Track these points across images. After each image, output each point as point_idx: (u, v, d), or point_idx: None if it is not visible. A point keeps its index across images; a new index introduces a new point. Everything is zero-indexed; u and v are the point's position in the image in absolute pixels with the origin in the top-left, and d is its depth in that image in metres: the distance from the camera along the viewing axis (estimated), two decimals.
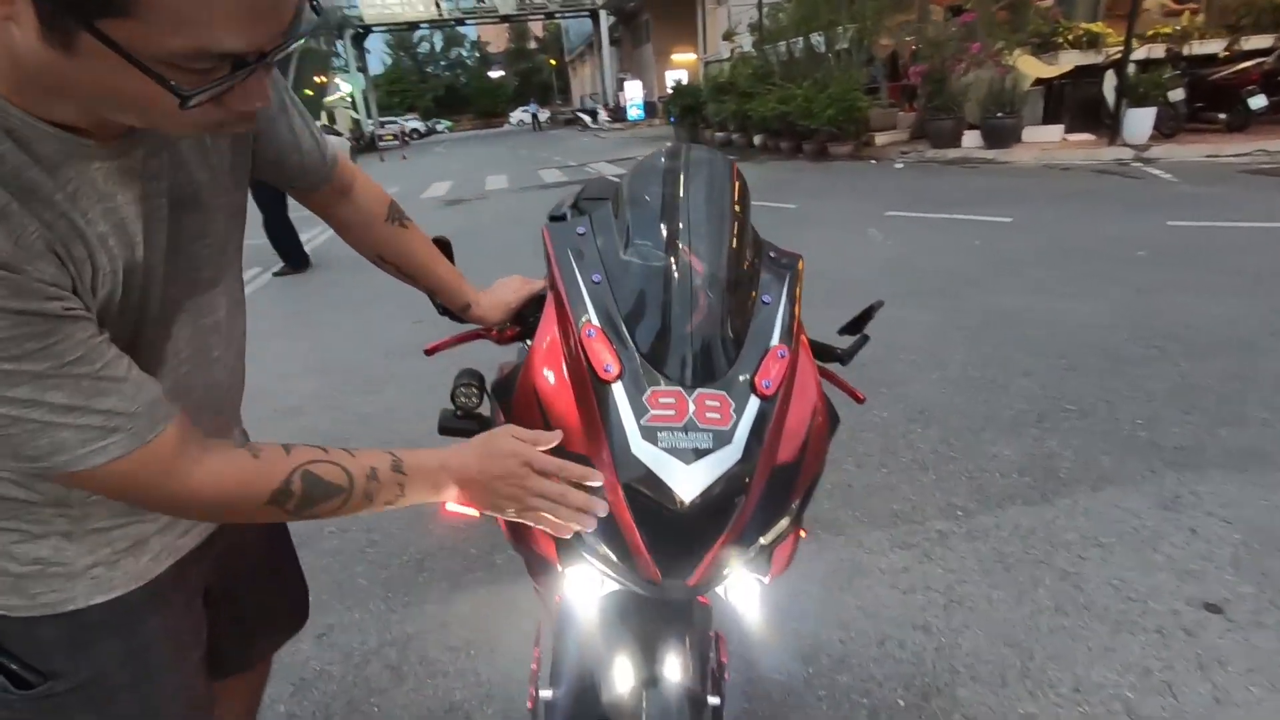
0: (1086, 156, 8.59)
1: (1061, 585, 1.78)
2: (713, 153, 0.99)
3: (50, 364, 0.53)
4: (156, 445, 0.60)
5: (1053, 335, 3.33)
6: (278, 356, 4.13)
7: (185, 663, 0.85)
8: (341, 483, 0.69)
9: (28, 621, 0.72)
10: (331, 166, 0.92)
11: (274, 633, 1.14)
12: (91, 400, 0.55)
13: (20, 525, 0.69)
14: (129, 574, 0.76)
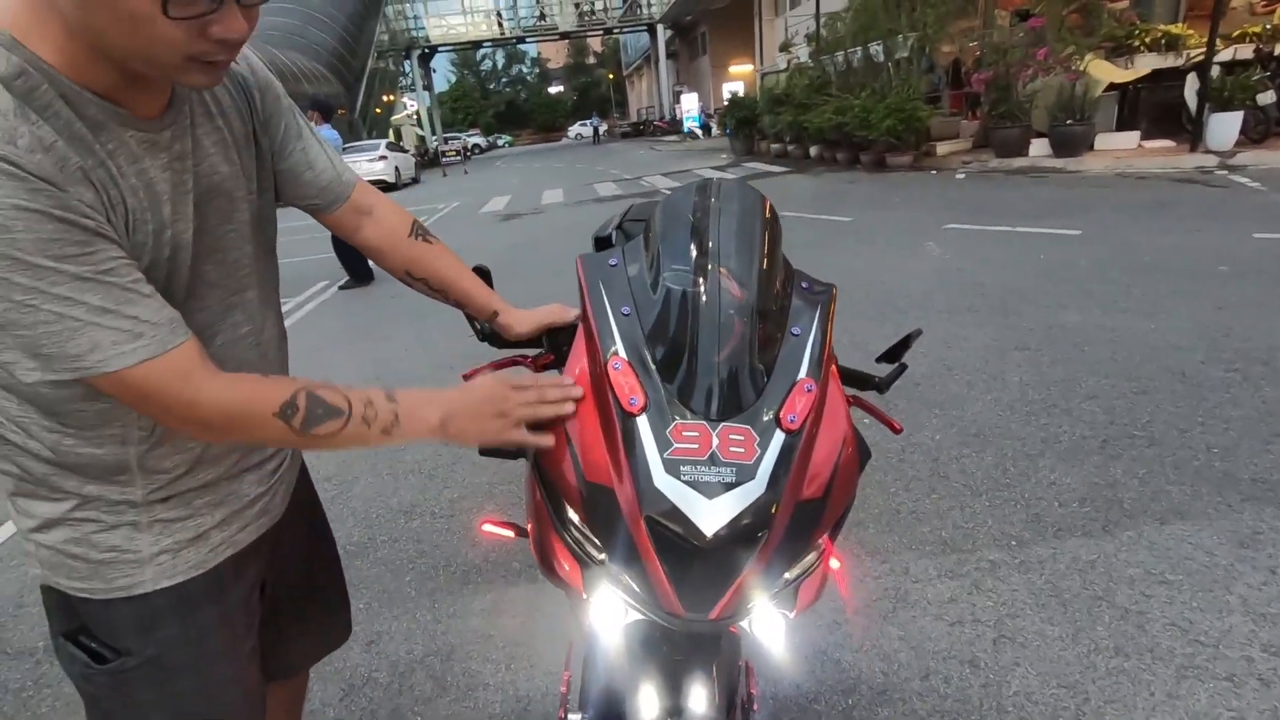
0: (1165, 164, 8.16)
1: (1122, 624, 1.69)
2: (743, 185, 1.00)
3: (88, 268, 0.61)
4: (177, 354, 0.67)
5: (1121, 356, 3.17)
6: (338, 367, 4.31)
7: (239, 652, 0.93)
8: (341, 405, 0.75)
9: (104, 604, 0.81)
10: (348, 189, 1.00)
11: (309, 644, 1.20)
12: (122, 306, 0.63)
13: (98, 515, 0.79)
14: (190, 563, 0.85)
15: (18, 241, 0.57)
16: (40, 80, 0.61)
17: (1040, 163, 9.33)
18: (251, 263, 0.86)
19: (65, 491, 0.78)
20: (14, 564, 2.54)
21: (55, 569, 0.81)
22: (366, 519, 2.57)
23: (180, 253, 0.75)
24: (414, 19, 38.22)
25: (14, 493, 0.80)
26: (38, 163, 0.59)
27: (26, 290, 0.59)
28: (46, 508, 0.79)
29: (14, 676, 1.95)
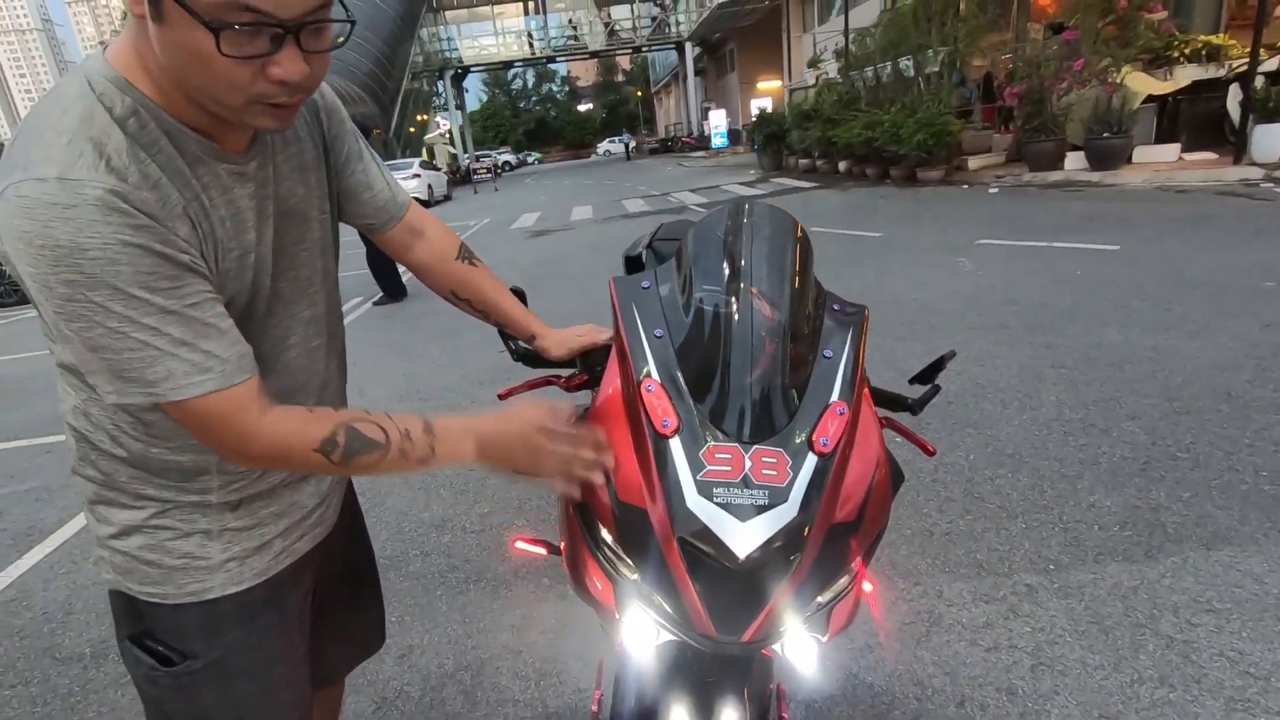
0: (1207, 177, 7.95)
1: (1167, 653, 1.64)
2: (774, 208, 1.01)
3: (175, 302, 0.67)
4: (239, 390, 0.71)
5: (1163, 375, 3.09)
6: (373, 382, 4.40)
7: (294, 657, 0.97)
8: (379, 439, 0.78)
9: (174, 608, 0.86)
10: (403, 209, 1.06)
11: (347, 652, 1.23)
12: (199, 340, 0.68)
13: (173, 524, 0.84)
14: (255, 570, 0.89)
15: (121, 274, 0.63)
16: (148, 119, 0.68)
17: (1076, 176, 9.16)
18: (321, 279, 0.91)
19: (145, 498, 0.82)
20: (64, 571, 2.63)
21: (128, 574, 0.85)
22: (400, 532, 2.61)
23: (261, 274, 0.81)
24: (448, 40, 39.10)
25: (94, 500, 0.85)
26: (144, 199, 0.65)
27: (120, 318, 0.64)
28: (125, 515, 0.83)
29: (63, 682, 2.02)
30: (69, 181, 0.61)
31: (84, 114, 0.65)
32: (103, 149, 0.64)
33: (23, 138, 0.66)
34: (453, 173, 30.31)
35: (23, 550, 2.83)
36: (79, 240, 0.61)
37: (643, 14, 42.11)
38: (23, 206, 0.61)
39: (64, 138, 0.63)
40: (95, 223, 0.61)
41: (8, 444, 4.16)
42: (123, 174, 0.64)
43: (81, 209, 0.61)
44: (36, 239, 0.61)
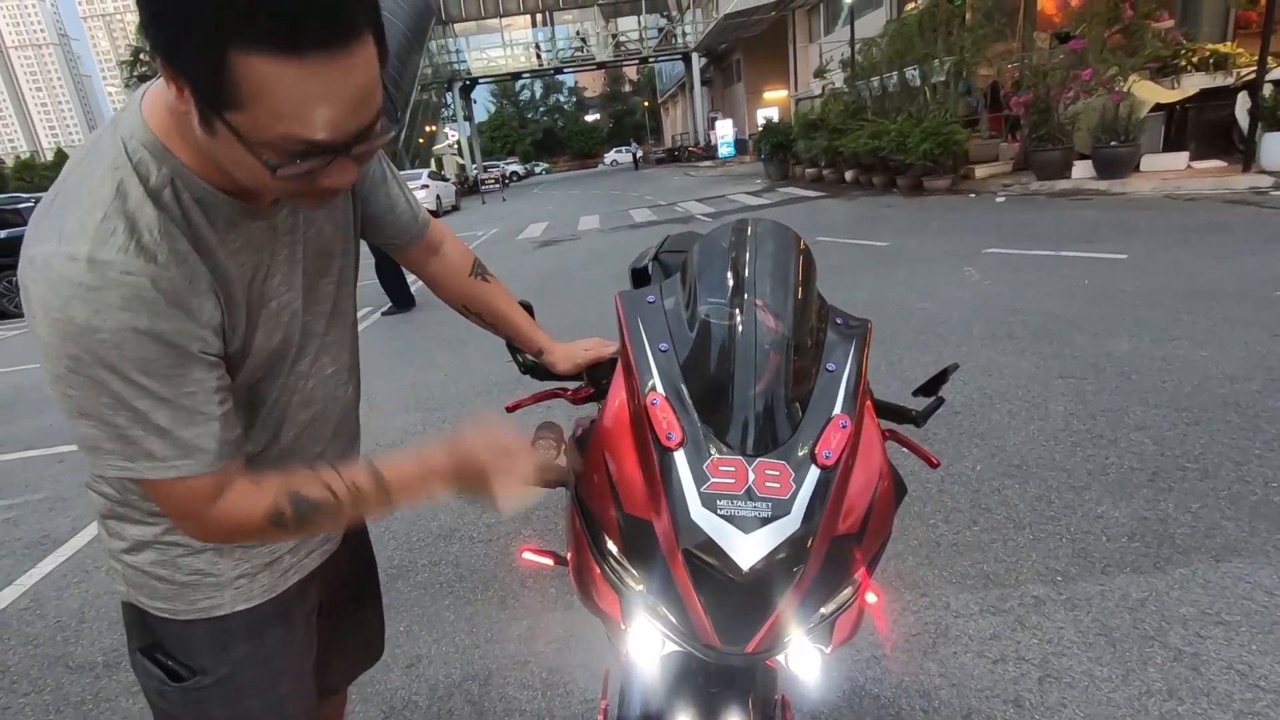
0: (1216, 185, 7.92)
1: (1175, 666, 1.63)
2: (778, 224, 1.03)
3: (170, 391, 0.67)
4: (208, 479, 0.71)
5: (1172, 385, 3.07)
6: (382, 392, 4.43)
7: (301, 671, 0.98)
8: (327, 499, 0.77)
9: (185, 624, 0.87)
10: (423, 228, 1.08)
11: (349, 663, 1.24)
12: (182, 428, 0.69)
13: (185, 540, 0.84)
14: (264, 586, 0.90)
15: (125, 358, 0.64)
16: (183, 189, 0.68)
17: (1083, 185, 9.14)
18: (343, 307, 0.92)
19: (158, 515, 0.83)
20: (76, 581, 2.66)
21: (139, 588, 0.86)
22: (407, 542, 2.62)
23: (294, 319, 0.82)
24: (456, 52, 39.49)
25: (106, 515, 0.86)
26: (171, 280, 0.66)
27: (114, 396, 0.65)
28: (137, 530, 0.84)
29: (75, 690, 2.04)
30: (98, 263, 0.62)
31: (119, 186, 0.65)
32: (135, 226, 0.65)
33: (60, 202, 0.66)
34: (461, 183, 30.52)
35: (36, 559, 2.86)
36: (94, 322, 0.62)
37: (649, 25, 42.40)
38: (50, 280, 0.62)
39: (99, 211, 0.64)
40: (114, 307, 0.62)
41: (21, 454, 4.21)
42: (152, 254, 0.65)
43: (104, 292, 0.62)
44: (55, 312, 0.62)
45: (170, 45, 0.56)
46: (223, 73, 0.55)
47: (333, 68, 0.57)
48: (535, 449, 1.07)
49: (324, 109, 0.58)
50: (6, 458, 4.18)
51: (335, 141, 0.61)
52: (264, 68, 0.54)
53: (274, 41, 0.54)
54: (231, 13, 0.52)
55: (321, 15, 0.55)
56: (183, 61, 0.56)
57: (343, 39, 0.56)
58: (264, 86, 0.55)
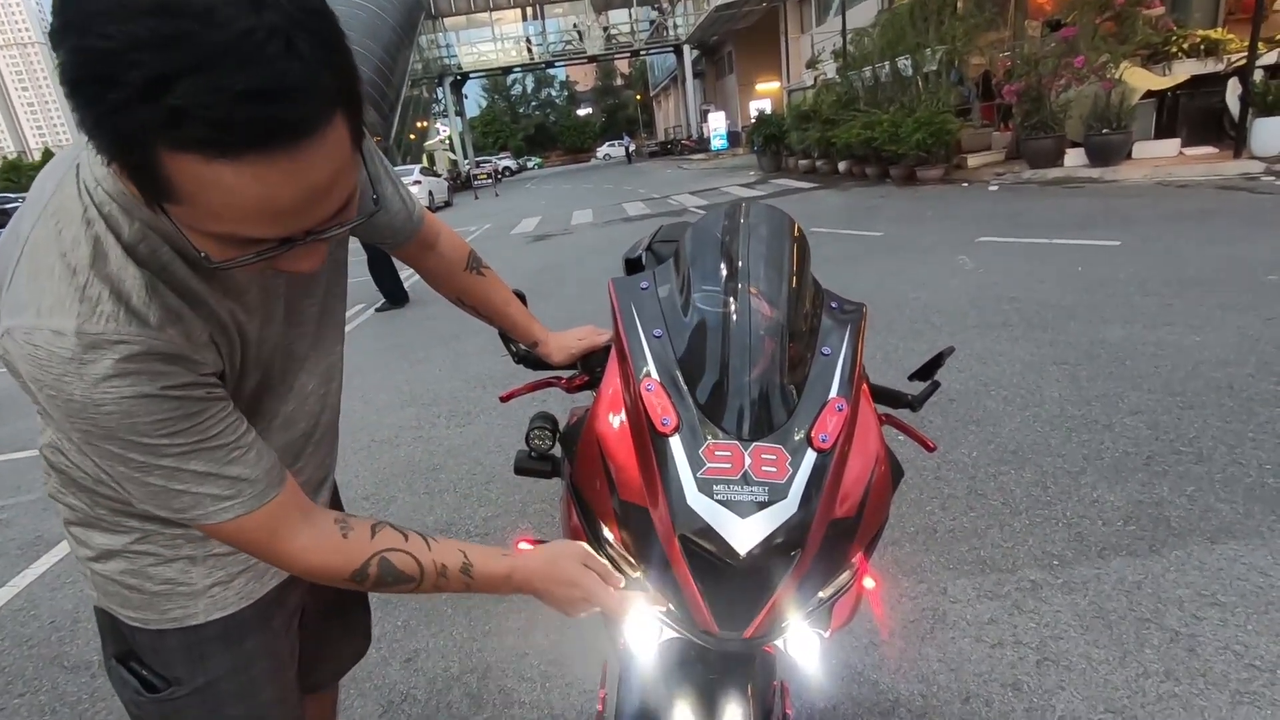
0: (1207, 172, 7.95)
1: (1172, 647, 1.64)
2: (772, 208, 1.02)
3: (195, 439, 0.64)
4: (267, 511, 0.70)
5: (1165, 370, 3.08)
6: (376, 388, 4.41)
7: (282, 677, 0.95)
8: (413, 573, 0.78)
9: (157, 634, 0.84)
10: (418, 225, 1.04)
11: (337, 662, 1.23)
12: (223, 468, 0.67)
13: (156, 549, 0.81)
14: (240, 594, 0.87)
15: (137, 425, 0.61)
16: (159, 242, 0.63)
17: (1076, 173, 9.16)
18: (324, 325, 0.88)
19: (127, 527, 0.80)
20: (70, 580, 2.64)
21: (110, 596, 0.83)
22: None
23: (275, 349, 0.79)
24: (446, 47, 39.30)
25: (72, 522, 0.83)
26: (169, 340, 0.62)
27: (140, 463, 0.63)
28: (105, 539, 0.81)
29: (71, 689, 2.03)
30: (88, 336, 0.57)
31: (95, 245, 0.60)
32: (120, 290, 0.60)
33: (29, 265, 0.60)
34: (453, 179, 30.40)
35: (30, 560, 2.84)
36: (93, 396, 0.58)
37: (641, 18, 42.24)
38: (34, 357, 0.58)
39: (79, 278, 0.59)
40: (112, 378, 0.58)
41: (11, 455, 4.19)
42: (144, 317, 0.60)
43: (98, 366, 0.58)
44: (49, 389, 0.59)
45: (93, 126, 0.48)
46: (152, 168, 0.48)
47: (282, 168, 0.49)
48: (530, 438, 1.07)
49: (270, 210, 0.52)
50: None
51: (291, 236, 0.56)
52: (196, 168, 0.48)
53: (203, 145, 0.46)
54: (156, 111, 0.45)
55: (260, 115, 0.46)
56: (107, 146, 0.49)
57: (288, 137, 0.48)
58: (198, 187, 0.49)
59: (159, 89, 0.44)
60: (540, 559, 0.85)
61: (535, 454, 1.10)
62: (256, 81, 0.46)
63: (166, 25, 0.44)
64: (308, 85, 0.48)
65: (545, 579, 0.84)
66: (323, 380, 0.91)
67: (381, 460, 3.32)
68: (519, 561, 0.84)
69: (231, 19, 0.45)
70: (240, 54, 0.45)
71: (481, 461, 3.15)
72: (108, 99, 0.45)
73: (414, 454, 3.35)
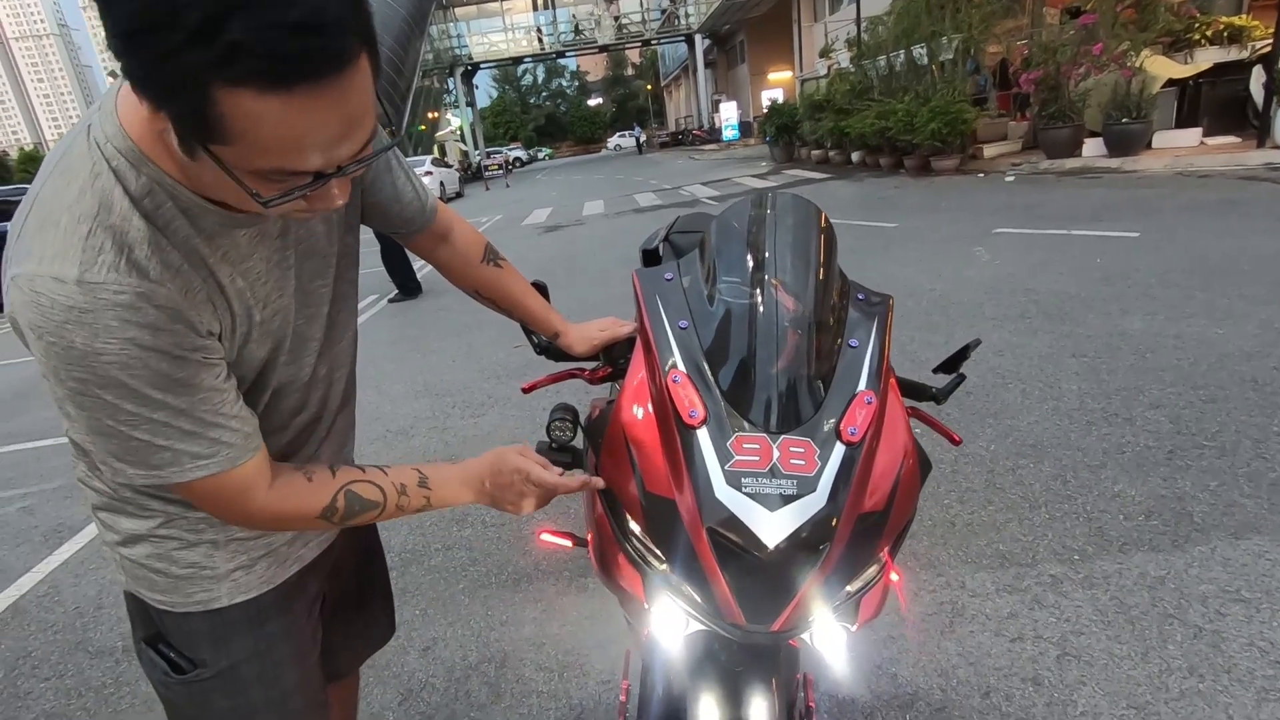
0: (1229, 161, 7.80)
1: (1195, 643, 1.62)
2: (798, 199, 1.01)
3: (185, 399, 0.66)
4: (241, 471, 0.73)
5: (1187, 363, 3.04)
6: (390, 379, 4.43)
7: (304, 662, 0.97)
8: (376, 498, 0.83)
9: (183, 617, 0.86)
10: (431, 216, 1.04)
11: (359, 647, 1.24)
12: (206, 430, 0.69)
13: (180, 534, 0.83)
14: (262, 578, 0.89)
15: (135, 375, 0.62)
16: (165, 198, 0.64)
17: (1094, 163, 9.03)
18: (338, 308, 0.89)
19: (152, 510, 0.82)
20: (93, 567, 2.68)
21: (137, 580, 0.85)
22: (420, 527, 2.63)
23: (285, 324, 0.80)
24: (457, 37, 39.15)
25: (99, 507, 0.85)
26: (167, 295, 0.63)
27: (130, 415, 0.64)
28: (132, 523, 0.83)
29: (95, 674, 2.06)
30: (89, 285, 0.59)
31: (101, 196, 0.61)
32: (123, 242, 0.61)
33: (36, 217, 0.62)
34: (464, 170, 30.41)
35: (53, 547, 2.89)
36: (95, 345, 0.59)
37: (651, 7, 41.95)
38: (37, 304, 0.59)
39: (83, 226, 0.60)
40: (113, 327, 0.60)
41: (35, 443, 4.25)
42: (144, 270, 0.62)
43: (100, 314, 0.59)
44: (49, 336, 0.59)
45: (145, 75, 0.51)
46: (204, 108, 0.51)
47: (323, 98, 0.52)
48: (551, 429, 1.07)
49: (315, 141, 0.55)
50: (21, 447, 4.22)
51: (327, 169, 0.59)
52: (249, 104, 0.50)
53: (259, 78, 0.49)
54: (213, 49, 0.47)
55: (310, 47, 0.50)
56: (159, 92, 0.52)
57: (333, 67, 0.52)
58: (250, 122, 0.51)
59: (214, 27, 0.47)
60: (484, 458, 0.91)
61: (556, 445, 1.09)
62: (301, 15, 0.49)
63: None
64: (342, 20, 0.52)
65: (492, 472, 0.90)
66: (333, 365, 0.91)
67: (397, 450, 3.33)
68: (467, 464, 0.91)
69: None
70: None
71: None
72: (165, 42, 0.48)
73: (429, 444, 3.37)
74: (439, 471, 0.88)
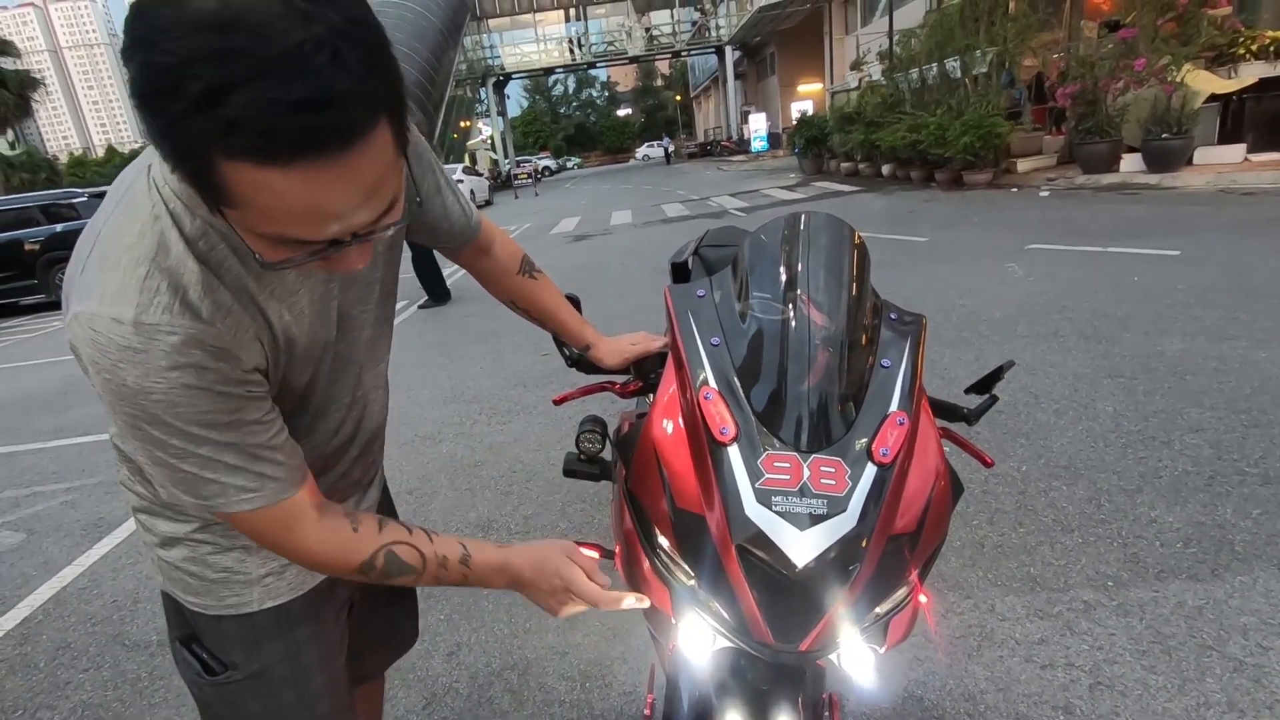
0: (1275, 179, 7.59)
1: (1235, 677, 1.57)
2: (832, 218, 1.01)
3: (232, 435, 0.68)
4: (286, 506, 0.74)
5: (1229, 386, 2.96)
6: (419, 385, 4.50)
7: (332, 666, 0.99)
8: (415, 564, 0.82)
9: (215, 619, 0.88)
10: (475, 230, 1.07)
11: (385, 652, 1.26)
12: (251, 464, 0.70)
13: (215, 538, 0.86)
14: (292, 584, 0.91)
15: (181, 414, 0.64)
16: (218, 239, 0.66)
17: (1132, 179, 8.84)
18: (371, 330, 0.89)
19: (188, 516, 0.84)
20: (131, 562, 2.75)
21: (174, 582, 0.88)
22: (445, 531, 2.65)
23: (326, 350, 0.81)
24: (490, 48, 39.78)
25: (139, 509, 0.88)
26: (218, 335, 0.65)
27: (177, 449, 0.67)
28: (169, 526, 0.85)
29: (131, 667, 2.12)
30: (144, 326, 0.61)
31: (159, 238, 0.64)
32: (178, 283, 0.63)
33: (99, 255, 0.65)
34: (494, 178, 30.82)
35: (93, 540, 2.98)
36: (145, 384, 0.62)
37: (682, 19, 42.17)
38: (95, 342, 0.62)
39: (140, 269, 0.63)
40: (164, 369, 0.62)
41: (77, 439, 4.38)
42: (197, 311, 0.64)
43: (153, 355, 0.62)
44: (105, 373, 0.62)
45: (158, 136, 0.52)
46: (209, 174, 0.52)
47: (327, 172, 0.52)
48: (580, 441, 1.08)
49: (324, 211, 0.55)
50: (63, 443, 4.36)
51: (341, 237, 0.59)
52: (251, 175, 0.51)
53: (254, 153, 0.49)
54: (211, 120, 0.48)
55: (310, 124, 0.49)
56: (170, 154, 0.53)
57: (338, 142, 0.51)
58: (251, 191, 0.52)
59: (214, 100, 0.47)
60: (530, 551, 0.90)
61: (584, 457, 1.10)
62: (304, 91, 0.48)
63: (222, 41, 0.47)
64: (353, 94, 0.50)
65: (534, 570, 0.89)
66: (370, 386, 0.93)
67: (424, 455, 3.38)
68: (511, 553, 0.89)
69: (282, 33, 0.48)
70: (290, 66, 0.48)
71: (522, 459, 3.19)
72: (169, 110, 0.49)
73: (456, 450, 3.41)
74: (483, 553, 0.88)
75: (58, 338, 8.51)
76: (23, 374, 6.60)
